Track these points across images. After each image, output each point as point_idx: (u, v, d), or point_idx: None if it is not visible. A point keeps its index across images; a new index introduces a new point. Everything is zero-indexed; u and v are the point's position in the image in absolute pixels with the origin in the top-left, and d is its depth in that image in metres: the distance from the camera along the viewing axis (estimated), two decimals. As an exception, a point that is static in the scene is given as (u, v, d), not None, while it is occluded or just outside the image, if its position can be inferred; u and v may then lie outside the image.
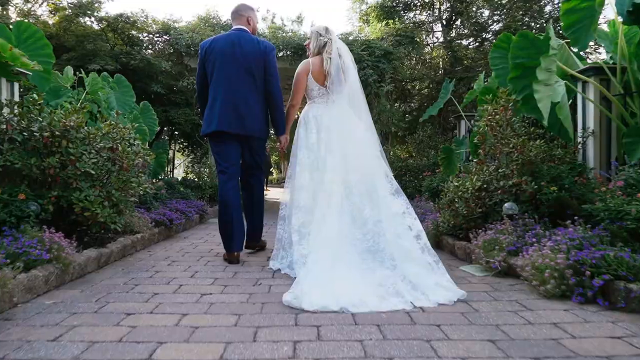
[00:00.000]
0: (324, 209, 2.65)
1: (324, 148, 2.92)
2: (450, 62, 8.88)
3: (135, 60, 6.67)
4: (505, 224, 2.93)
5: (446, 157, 5.29)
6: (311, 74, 3.03)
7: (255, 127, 3.13)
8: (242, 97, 3.03)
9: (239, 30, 3.14)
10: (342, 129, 2.94)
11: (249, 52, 3.04)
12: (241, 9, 3.22)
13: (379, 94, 7.61)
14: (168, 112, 7.78)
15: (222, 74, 3.02)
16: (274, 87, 3.18)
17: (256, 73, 3.07)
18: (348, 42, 7.65)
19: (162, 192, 5.31)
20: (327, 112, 3.01)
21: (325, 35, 3.07)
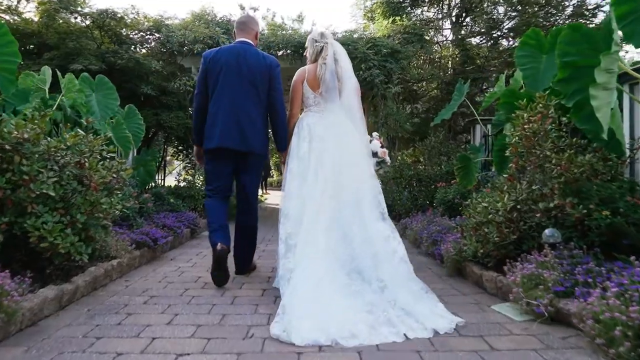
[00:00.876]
0: (312, 221, 2.61)
1: (314, 158, 2.85)
2: (462, 62, 8.42)
3: (123, 60, 6.24)
4: (546, 254, 2.48)
5: (463, 166, 4.83)
6: (306, 81, 2.96)
7: (257, 144, 3.04)
8: (246, 111, 2.97)
9: (245, 44, 3.06)
10: (337, 140, 2.87)
11: (254, 66, 2.98)
12: (252, 22, 3.17)
13: (385, 95, 7.16)
14: (159, 116, 7.34)
15: (226, 86, 2.96)
16: (278, 102, 3.11)
17: (260, 88, 3.01)
18: (352, 40, 7.22)
19: (148, 206, 4.86)
20: (322, 121, 2.94)
21: (320, 40, 2.99)
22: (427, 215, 5.13)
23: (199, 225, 5.63)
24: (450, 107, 6.05)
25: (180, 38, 7.17)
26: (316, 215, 2.64)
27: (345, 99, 2.94)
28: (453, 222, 4.34)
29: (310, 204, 2.70)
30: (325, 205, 2.68)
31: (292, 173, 2.91)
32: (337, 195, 2.73)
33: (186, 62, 7.66)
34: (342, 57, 3.00)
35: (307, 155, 2.89)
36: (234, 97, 2.95)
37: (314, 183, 2.78)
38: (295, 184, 2.86)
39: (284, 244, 2.71)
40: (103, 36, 7.03)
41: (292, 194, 2.84)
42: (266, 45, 7.58)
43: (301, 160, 2.90)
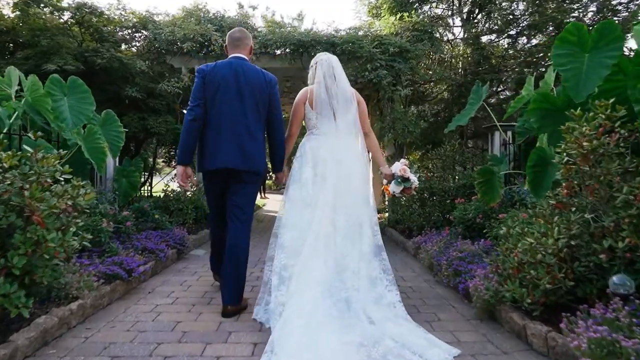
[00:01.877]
0: (311, 252, 2.58)
1: (317, 184, 2.80)
2: (477, 61, 7.89)
3: (104, 60, 5.71)
4: (616, 309, 1.95)
5: (485, 180, 4.31)
6: (308, 102, 2.92)
7: (259, 163, 2.96)
8: (248, 130, 2.89)
9: (240, 59, 2.98)
10: (339, 164, 2.83)
11: (254, 83, 2.91)
12: (246, 37, 3.07)
13: (393, 98, 6.64)
14: (146, 120, 6.82)
15: (225, 104, 2.87)
16: (278, 121, 3.07)
17: (261, 105, 2.95)
18: (357, 38, 6.70)
19: (127, 225, 4.33)
20: (324, 144, 2.90)
21: (313, 63, 3.02)
22: (443, 236, 4.60)
23: (186, 245, 5.10)
24: (466, 112, 5.53)
25: (168, 35, 6.65)
26: (314, 245, 2.60)
27: (346, 117, 2.89)
28: (476, 246, 3.82)
29: (310, 235, 2.64)
30: (322, 233, 2.64)
31: (292, 200, 2.84)
32: (335, 222, 2.70)
33: (175, 61, 7.14)
34: (338, 73, 2.92)
35: (310, 181, 2.84)
36: (235, 115, 2.87)
37: (315, 210, 2.72)
38: (295, 212, 2.79)
39: (278, 276, 2.63)
40: (84, 33, 6.51)
41: (290, 224, 2.76)
42: (263, 43, 7.07)
43: (303, 186, 2.84)
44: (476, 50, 7.75)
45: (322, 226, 2.66)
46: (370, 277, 2.68)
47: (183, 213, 5.96)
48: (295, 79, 8.17)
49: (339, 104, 2.88)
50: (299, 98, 2.99)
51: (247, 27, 7.22)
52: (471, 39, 7.94)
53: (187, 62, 7.09)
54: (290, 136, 3.14)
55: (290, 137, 3.14)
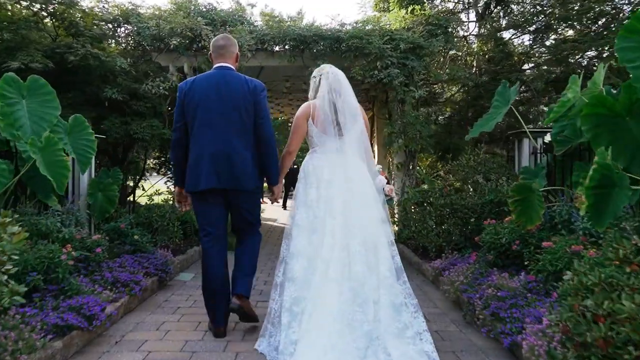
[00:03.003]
0: (322, 282, 2.47)
1: (323, 207, 2.70)
2: (497, 59, 7.26)
3: (77, 56, 5.09)
4: None
5: (522, 199, 3.69)
6: (311, 118, 2.83)
7: (250, 180, 2.89)
8: (232, 145, 2.80)
9: (225, 69, 2.89)
10: (346, 183, 2.74)
11: (237, 93, 2.81)
12: (231, 45, 2.99)
13: (405, 100, 6.02)
14: (129, 125, 6.19)
15: (207, 120, 2.80)
16: (266, 131, 2.92)
17: (246, 117, 2.84)
18: (365, 32, 6.09)
19: (97, 252, 3.70)
20: (328, 163, 2.81)
21: (316, 75, 2.94)
22: (470, 263, 3.99)
23: (170, 271, 4.47)
24: (490, 117, 4.92)
25: (154, 30, 6.03)
26: (326, 273, 2.49)
27: (352, 134, 2.80)
28: (517, 282, 3.21)
29: (320, 263, 2.53)
30: (335, 259, 2.52)
31: (299, 227, 2.72)
32: (348, 247, 2.57)
33: (162, 59, 6.54)
34: (344, 87, 2.83)
35: (315, 204, 2.73)
36: (217, 130, 2.79)
37: (324, 236, 2.61)
38: (302, 240, 2.67)
39: (289, 313, 2.48)
40: (58, 27, 5.88)
41: (298, 252, 2.64)
42: (260, 39, 6.46)
43: (309, 209, 2.74)
44: (497, 47, 7.11)
45: (333, 252, 2.53)
46: (394, 305, 2.51)
47: (168, 231, 5.33)
48: (295, 78, 7.57)
49: (346, 120, 2.79)
50: (300, 113, 2.88)
51: (243, 21, 6.63)
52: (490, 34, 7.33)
53: (175, 60, 6.48)
54: (289, 153, 3.02)
55: (289, 154, 3.03)
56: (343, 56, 6.18)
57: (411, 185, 7.00)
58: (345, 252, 2.55)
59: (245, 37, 6.07)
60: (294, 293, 2.52)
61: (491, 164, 4.98)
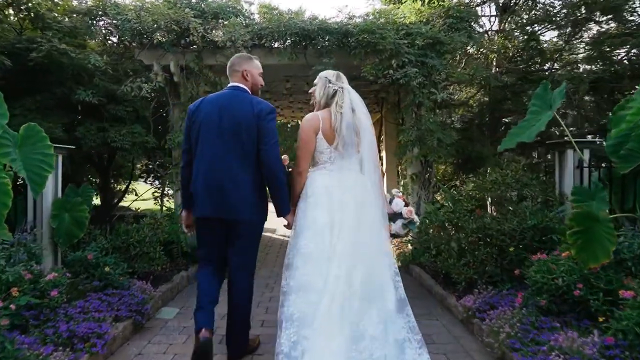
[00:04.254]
0: (326, 320, 2.32)
1: (337, 231, 2.52)
2: (528, 57, 6.56)
3: (39, 53, 4.40)
4: None
5: (584, 230, 3.00)
6: (322, 132, 2.66)
7: (246, 209, 2.75)
8: (228, 172, 2.71)
9: (233, 89, 2.85)
10: (357, 206, 2.58)
11: (239, 117, 2.71)
12: (234, 63, 2.92)
13: (422, 104, 5.33)
14: (107, 132, 5.52)
15: (206, 144, 2.73)
16: (272, 158, 2.73)
17: (247, 140, 2.71)
18: (377, 26, 5.41)
19: (52, 296, 3.01)
20: (339, 183, 2.65)
21: (335, 82, 2.74)
22: (516, 307, 3.29)
23: (147, 311, 3.76)
24: (527, 124, 4.28)
25: (134, 23, 5.34)
26: (329, 309, 2.34)
27: (364, 153, 2.70)
28: (590, 345, 2.51)
29: (325, 297, 2.37)
30: (339, 293, 2.38)
31: (304, 255, 2.52)
32: (350, 280, 2.43)
33: (145, 56, 5.84)
34: (359, 105, 2.72)
35: (327, 229, 2.55)
36: (214, 155, 2.73)
37: (331, 266, 2.44)
38: (308, 270, 2.47)
39: (287, 359, 2.31)
40: (22, 20, 5.20)
41: (302, 286, 2.46)
42: (257, 34, 5.78)
43: (317, 235, 2.54)
44: (528, 43, 6.38)
45: (338, 285, 2.39)
46: (397, 341, 2.41)
47: (148, 257, 4.63)
48: (297, 78, 6.88)
49: (360, 137, 2.67)
50: (308, 126, 2.69)
51: (237, 14, 5.94)
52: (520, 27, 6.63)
53: (160, 58, 5.79)
54: (299, 174, 2.75)
55: (299, 175, 2.76)
56: (352, 53, 5.50)
57: (428, 200, 6.31)
58: (347, 286, 2.42)
59: (239, 31, 5.40)
60: (292, 336, 2.34)
61: (527, 179, 4.28)
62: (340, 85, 2.73)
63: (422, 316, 4.13)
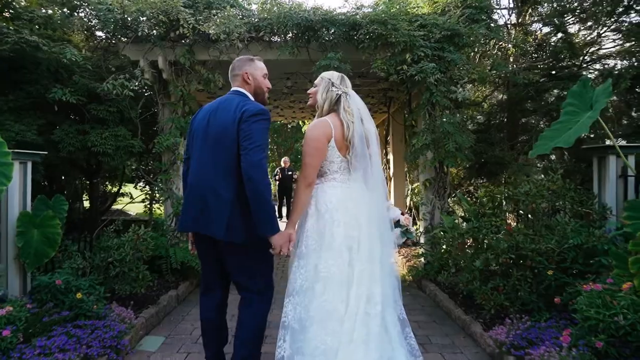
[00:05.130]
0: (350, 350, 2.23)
1: (355, 250, 2.40)
2: (555, 52, 6.03)
3: (6, 45, 3.90)
4: None
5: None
6: (334, 139, 2.49)
7: (220, 226, 2.40)
8: (210, 182, 2.48)
9: (232, 94, 2.64)
10: (369, 222, 2.48)
11: (223, 123, 2.47)
12: (234, 66, 2.71)
13: (439, 103, 4.82)
14: (88, 135, 5.03)
15: (195, 153, 2.60)
16: (250, 164, 2.33)
17: (230, 150, 2.43)
18: (390, 16, 4.90)
19: (5, 335, 2.50)
20: (351, 196, 2.51)
21: (339, 86, 2.58)
22: (562, 348, 2.78)
23: (124, 345, 3.26)
24: (564, 127, 3.83)
25: (117, 14, 4.83)
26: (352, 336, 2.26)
27: (374, 166, 2.57)
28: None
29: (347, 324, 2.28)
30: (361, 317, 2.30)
31: (325, 279, 2.32)
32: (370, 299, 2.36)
33: (132, 51, 5.35)
34: (366, 114, 2.61)
35: (343, 248, 2.38)
36: (199, 165, 2.54)
37: (351, 289, 2.33)
38: (329, 297, 2.29)
39: None
40: (-10, 8, 4.72)
41: (325, 315, 2.29)
42: (254, 27, 5.29)
43: (337, 256, 2.35)
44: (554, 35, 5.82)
45: (360, 306, 2.31)
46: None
47: (130, 278, 4.12)
48: (299, 76, 6.36)
49: (370, 146, 2.57)
50: (320, 134, 2.49)
51: (233, 4, 5.44)
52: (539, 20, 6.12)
53: (147, 53, 5.29)
54: (308, 186, 2.49)
55: (308, 188, 2.49)
56: (360, 47, 4.99)
57: (443, 209, 5.80)
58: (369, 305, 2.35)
59: (235, 22, 4.90)
60: None
61: (565, 190, 3.76)
62: (344, 90, 2.58)
63: (444, 348, 3.63)
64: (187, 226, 2.61)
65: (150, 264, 5.01)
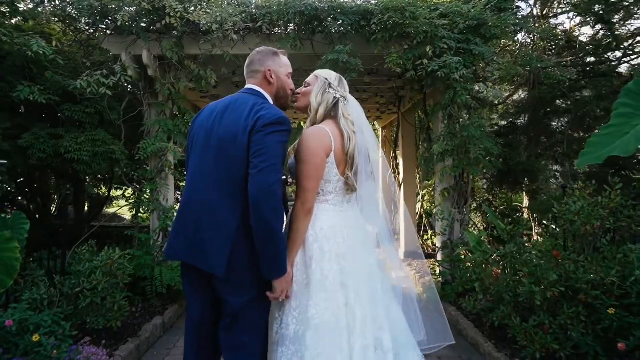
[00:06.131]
0: None
1: (352, 289, 2.00)
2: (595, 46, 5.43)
3: (-44, 35, 3.35)
4: None
5: None
6: (334, 154, 2.10)
7: (221, 260, 1.91)
8: (210, 203, 1.99)
9: (246, 93, 2.18)
10: (369, 252, 2.17)
11: (230, 128, 2.01)
12: (254, 60, 2.25)
13: (466, 104, 4.24)
14: (62, 139, 4.46)
15: (192, 163, 2.15)
16: (258, 189, 1.86)
17: (235, 164, 1.96)
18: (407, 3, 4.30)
19: None
20: (346, 222, 2.13)
21: (337, 88, 2.26)
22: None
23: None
24: (618, 132, 3.34)
25: (94, 0, 4.26)
26: None
27: (379, 189, 2.32)
28: None
29: None
30: None
31: (317, 328, 1.91)
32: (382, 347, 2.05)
33: (113, 45, 4.79)
34: (365, 123, 2.28)
35: (336, 286, 1.98)
36: (197, 177, 2.07)
37: (354, 338, 1.96)
38: (323, 349, 1.89)
39: None
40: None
41: None
42: (251, 16, 4.72)
43: (330, 297, 1.94)
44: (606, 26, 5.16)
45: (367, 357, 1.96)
46: None
47: (105, 309, 3.54)
48: (302, 72, 5.78)
49: (372, 162, 2.23)
50: (319, 145, 2.06)
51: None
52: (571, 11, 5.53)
53: (131, 46, 4.72)
54: (308, 212, 2.05)
55: (308, 214, 2.05)
56: (373, 39, 4.41)
57: (464, 222, 5.23)
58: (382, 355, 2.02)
59: (229, 11, 4.33)
60: None
61: (629, 210, 3.17)
62: (342, 93, 2.25)
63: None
64: (176, 253, 2.12)
65: (133, 286, 4.47)
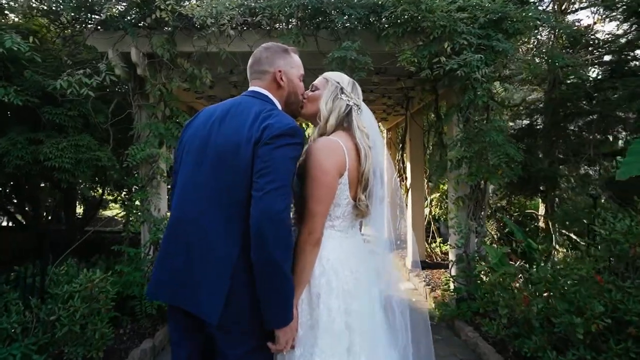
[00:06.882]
0: None
1: (357, 331, 1.76)
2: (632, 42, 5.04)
3: None
4: None
5: None
6: (347, 173, 1.82)
7: (214, 299, 1.57)
8: (202, 226, 1.64)
9: (249, 96, 1.85)
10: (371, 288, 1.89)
11: (231, 137, 1.68)
12: (260, 58, 1.90)
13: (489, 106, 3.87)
14: (42, 144, 4.10)
15: (181, 176, 1.79)
16: (265, 213, 1.53)
17: (235, 181, 1.63)
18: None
19: None
20: (354, 251, 1.89)
21: (350, 94, 1.97)
22: None
23: None
24: None
25: (77, -8, 3.93)
26: None
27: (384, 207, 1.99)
28: None
29: None
30: None
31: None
32: None
33: (99, 41, 4.42)
34: (378, 136, 2.01)
35: (342, 326, 1.74)
36: (186, 197, 1.73)
37: None
38: None
39: None
40: None
41: None
42: (250, 10, 4.35)
43: (336, 343, 1.71)
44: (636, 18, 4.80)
45: None
46: None
47: (85, 336, 3.17)
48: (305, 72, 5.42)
49: (385, 184, 1.96)
50: (332, 163, 1.76)
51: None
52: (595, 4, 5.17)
53: (118, 42, 4.35)
54: (316, 243, 1.75)
55: (315, 245, 1.75)
56: (383, 35, 4.05)
57: (481, 234, 4.86)
58: None
59: (225, 4, 3.97)
60: None
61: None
62: (355, 101, 1.97)
63: None
64: (158, 292, 1.74)
65: (121, 305, 4.12)
